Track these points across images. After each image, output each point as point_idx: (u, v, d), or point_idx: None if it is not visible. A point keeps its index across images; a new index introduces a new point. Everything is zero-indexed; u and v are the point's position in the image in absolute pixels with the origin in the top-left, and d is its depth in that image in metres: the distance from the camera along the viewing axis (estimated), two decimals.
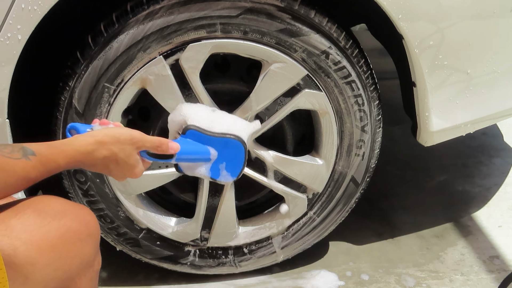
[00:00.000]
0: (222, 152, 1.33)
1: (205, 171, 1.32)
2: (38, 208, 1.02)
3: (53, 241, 1.00)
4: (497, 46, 1.63)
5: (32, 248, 0.97)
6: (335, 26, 1.53)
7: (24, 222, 0.98)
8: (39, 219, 1.00)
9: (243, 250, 1.81)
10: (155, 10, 1.45)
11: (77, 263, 1.06)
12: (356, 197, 1.78)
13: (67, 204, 1.07)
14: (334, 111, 1.62)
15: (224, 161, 1.33)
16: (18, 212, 1.00)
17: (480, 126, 1.77)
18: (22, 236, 0.97)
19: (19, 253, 0.95)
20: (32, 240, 0.97)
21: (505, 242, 1.99)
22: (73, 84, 1.51)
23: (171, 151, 1.20)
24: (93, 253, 1.09)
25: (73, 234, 1.03)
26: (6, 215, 0.99)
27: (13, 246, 0.95)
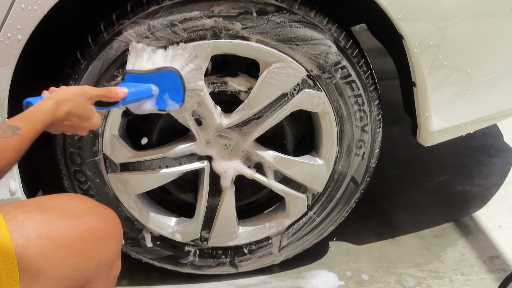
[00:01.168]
0: (161, 84, 1.43)
1: (152, 106, 1.43)
2: (60, 205, 1.02)
3: (70, 238, 0.99)
4: (497, 46, 1.63)
5: (47, 242, 0.96)
6: (335, 26, 1.53)
7: (44, 216, 0.98)
8: (59, 214, 1.00)
9: (243, 250, 1.81)
10: (155, 10, 1.44)
11: (94, 265, 1.04)
12: (356, 197, 1.78)
13: (90, 203, 1.07)
14: (334, 111, 1.62)
15: (166, 92, 1.44)
16: (39, 207, 0.99)
17: (480, 126, 1.77)
18: (38, 229, 0.96)
19: (32, 244, 0.94)
20: (48, 234, 0.96)
21: (505, 242, 1.99)
22: (73, 84, 1.51)
23: (120, 94, 1.30)
24: (113, 256, 1.07)
25: (93, 234, 1.02)
26: (26, 208, 0.98)
27: (27, 237, 0.94)
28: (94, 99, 1.24)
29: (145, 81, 1.42)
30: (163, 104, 1.45)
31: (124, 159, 1.61)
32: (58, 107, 1.15)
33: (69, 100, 1.17)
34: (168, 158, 1.63)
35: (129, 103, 1.38)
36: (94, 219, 1.04)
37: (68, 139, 1.57)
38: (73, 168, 1.61)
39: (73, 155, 1.59)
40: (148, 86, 1.41)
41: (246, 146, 1.65)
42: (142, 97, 1.41)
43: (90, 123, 1.23)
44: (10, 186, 1.50)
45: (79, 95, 1.19)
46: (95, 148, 1.58)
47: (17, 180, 1.51)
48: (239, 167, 1.67)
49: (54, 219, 0.98)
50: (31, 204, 1.01)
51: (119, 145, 1.58)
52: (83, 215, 1.02)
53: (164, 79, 1.42)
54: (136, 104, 1.42)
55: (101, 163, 1.61)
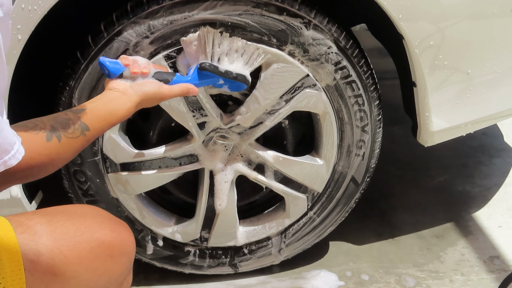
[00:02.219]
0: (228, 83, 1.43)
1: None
2: (73, 218, 1.00)
3: (81, 254, 0.96)
4: (497, 46, 1.63)
5: (57, 258, 0.93)
6: (336, 26, 1.53)
7: (56, 230, 0.95)
8: (72, 229, 0.97)
9: (243, 250, 1.80)
10: (155, 10, 1.44)
11: (105, 281, 1.01)
12: (356, 197, 1.78)
13: (105, 217, 1.04)
14: (334, 111, 1.62)
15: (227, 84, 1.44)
16: (52, 219, 0.97)
17: (480, 126, 1.77)
18: (49, 244, 0.93)
19: (42, 260, 0.92)
20: (59, 249, 0.94)
21: (505, 242, 1.99)
22: (73, 84, 1.51)
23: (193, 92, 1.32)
24: (124, 272, 1.05)
25: (105, 250, 1.00)
26: (39, 220, 0.96)
27: (37, 252, 0.92)
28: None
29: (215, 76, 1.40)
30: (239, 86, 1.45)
31: (124, 159, 1.61)
32: (133, 110, 1.19)
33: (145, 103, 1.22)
34: (168, 158, 1.63)
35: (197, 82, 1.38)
36: (108, 234, 1.01)
37: None
38: (73, 168, 1.61)
39: None
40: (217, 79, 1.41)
41: (246, 147, 1.65)
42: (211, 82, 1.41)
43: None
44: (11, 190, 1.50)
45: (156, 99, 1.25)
46: (95, 148, 1.58)
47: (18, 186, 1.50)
48: (239, 167, 1.67)
49: (67, 233, 0.96)
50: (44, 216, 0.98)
51: (119, 145, 1.58)
52: (96, 229, 1.00)
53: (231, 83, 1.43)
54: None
55: (101, 163, 1.61)
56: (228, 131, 1.62)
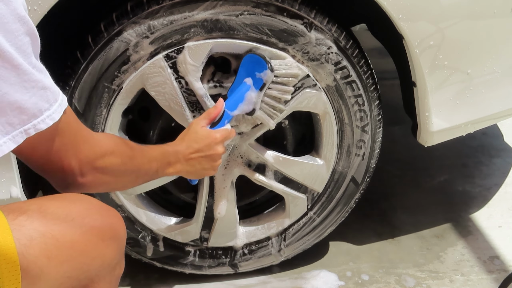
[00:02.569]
0: (247, 71, 1.49)
1: (255, 91, 1.49)
2: (63, 204, 1.01)
3: (73, 237, 0.98)
4: (497, 46, 1.63)
5: (50, 241, 0.95)
6: (336, 26, 1.53)
7: (47, 215, 0.97)
8: (63, 214, 0.99)
9: (243, 250, 1.80)
10: (155, 9, 1.44)
11: (97, 265, 1.03)
12: (356, 197, 1.78)
13: (94, 203, 1.06)
14: (334, 111, 1.62)
15: (254, 71, 1.48)
16: (42, 206, 0.98)
17: (480, 126, 1.77)
18: (41, 229, 0.95)
19: (35, 244, 0.93)
20: (51, 234, 0.95)
21: (505, 242, 1.99)
22: (73, 84, 1.51)
23: (219, 107, 1.44)
24: (116, 256, 1.06)
25: (96, 234, 1.01)
26: (29, 208, 0.98)
27: (29, 237, 0.93)
28: (205, 126, 1.40)
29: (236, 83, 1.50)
30: (260, 81, 1.48)
31: None
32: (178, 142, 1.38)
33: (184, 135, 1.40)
34: None
35: (236, 107, 1.48)
36: (98, 219, 1.03)
37: None
38: None
39: None
40: (241, 82, 1.48)
41: (246, 146, 1.65)
42: (244, 93, 1.47)
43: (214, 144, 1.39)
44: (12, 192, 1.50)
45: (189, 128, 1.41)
46: None
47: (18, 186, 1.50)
48: (239, 167, 1.67)
49: (57, 219, 0.98)
50: (34, 204, 1.00)
51: None
52: (86, 215, 1.02)
53: (246, 66, 1.48)
54: (245, 102, 1.48)
55: None
56: None
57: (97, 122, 1.54)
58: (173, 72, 1.50)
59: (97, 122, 1.54)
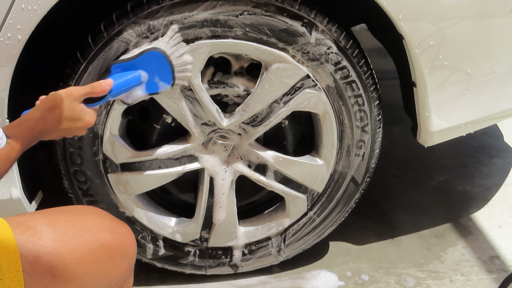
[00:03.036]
0: (148, 67, 1.40)
1: (143, 92, 1.41)
2: (74, 219, 0.99)
3: (81, 255, 0.96)
4: (497, 46, 1.63)
5: (56, 260, 0.93)
6: (336, 26, 1.53)
7: (56, 231, 0.95)
8: (72, 230, 0.97)
9: (243, 250, 1.80)
10: (155, 9, 1.44)
11: (105, 283, 1.01)
12: (356, 197, 1.78)
13: (105, 219, 1.04)
14: (334, 111, 1.62)
15: (155, 74, 1.41)
16: (52, 220, 0.96)
17: (480, 126, 1.77)
18: (48, 245, 0.93)
19: (41, 262, 0.92)
20: (58, 251, 0.93)
21: (505, 242, 1.99)
22: (73, 84, 1.51)
23: (106, 87, 1.28)
24: (124, 274, 1.04)
25: (105, 252, 0.99)
26: (38, 222, 0.96)
27: (36, 254, 0.91)
28: (81, 98, 1.24)
29: (132, 68, 1.39)
30: (155, 87, 1.41)
31: (124, 160, 1.61)
32: (46, 114, 1.17)
33: (55, 106, 1.18)
34: (168, 159, 1.63)
35: (118, 94, 1.35)
36: (108, 236, 1.01)
37: (68, 139, 1.57)
38: (73, 168, 1.61)
39: (73, 155, 1.59)
40: (137, 73, 1.38)
41: (246, 147, 1.65)
42: (132, 85, 1.38)
43: (83, 122, 1.23)
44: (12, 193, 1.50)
45: (64, 99, 1.20)
46: (95, 148, 1.58)
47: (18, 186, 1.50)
48: (239, 167, 1.67)
49: (66, 235, 0.96)
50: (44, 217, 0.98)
51: (119, 145, 1.58)
52: (97, 231, 1.00)
53: (150, 62, 1.39)
54: (127, 93, 1.39)
55: (101, 163, 1.61)
56: (228, 131, 1.62)
57: (97, 122, 1.54)
58: None
59: (97, 122, 1.54)
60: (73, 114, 1.21)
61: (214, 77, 1.59)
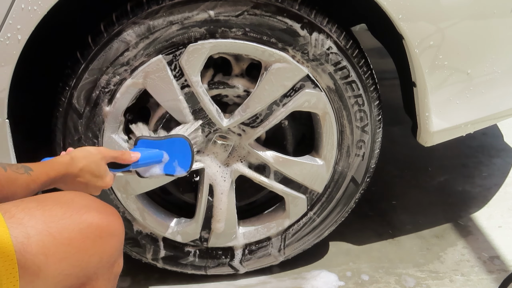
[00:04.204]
0: (172, 151, 1.48)
1: (160, 170, 1.47)
2: (61, 201, 1.02)
3: (71, 235, 0.99)
4: (497, 46, 1.63)
5: (47, 239, 0.95)
6: (336, 26, 1.53)
7: (44, 213, 0.98)
8: (60, 211, 1.00)
9: (243, 251, 1.80)
10: (155, 10, 1.44)
11: (96, 262, 1.04)
12: (356, 198, 1.78)
13: (92, 201, 1.07)
14: (334, 112, 1.62)
15: (176, 158, 1.48)
16: (40, 203, 0.99)
17: (480, 126, 1.77)
18: (38, 226, 0.95)
19: (32, 241, 0.94)
20: (48, 231, 0.96)
21: (505, 242, 1.99)
22: (73, 84, 1.51)
23: (133, 158, 1.36)
24: (114, 253, 1.07)
25: (94, 231, 1.02)
26: (27, 205, 0.98)
27: (27, 235, 0.94)
28: (108, 160, 1.31)
29: (156, 146, 1.47)
30: (172, 170, 1.48)
31: None
32: (73, 162, 1.22)
33: (84, 158, 1.24)
34: None
35: (140, 166, 1.42)
36: (96, 216, 1.04)
37: (68, 139, 1.57)
38: None
39: None
40: (160, 152, 1.46)
41: (246, 147, 1.65)
42: (153, 162, 1.46)
43: (103, 182, 1.29)
44: None
45: (94, 154, 1.26)
46: None
47: None
48: (239, 167, 1.67)
49: (55, 216, 0.98)
50: (32, 201, 1.01)
51: (119, 145, 1.58)
52: (84, 212, 1.02)
53: (174, 146, 1.48)
54: (145, 168, 1.45)
55: None
56: (228, 131, 1.62)
57: (97, 122, 1.54)
58: (174, 72, 1.50)
59: (97, 122, 1.54)
60: (97, 171, 1.26)
61: (214, 77, 1.59)
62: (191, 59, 1.49)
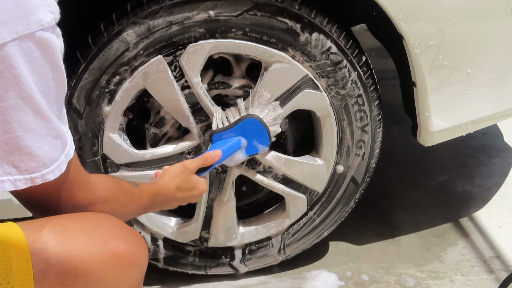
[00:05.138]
0: (247, 132, 1.53)
1: (243, 155, 1.55)
2: (87, 227, 0.99)
3: (92, 265, 0.95)
4: (497, 46, 1.63)
5: (67, 269, 0.93)
6: (336, 26, 1.53)
7: (69, 239, 0.94)
8: (85, 238, 0.96)
9: (243, 250, 1.80)
10: (155, 10, 1.44)
11: None
12: (356, 197, 1.78)
13: (119, 228, 1.03)
14: (334, 112, 1.62)
15: (253, 138, 1.54)
16: (65, 228, 0.96)
17: (480, 126, 1.77)
18: (61, 254, 0.92)
19: (52, 270, 0.91)
20: (71, 260, 0.93)
21: (505, 242, 1.99)
22: (73, 84, 1.51)
23: (216, 158, 1.44)
24: (134, 285, 1.03)
25: (116, 262, 0.98)
26: (52, 229, 0.95)
27: (48, 263, 0.91)
28: (195, 170, 1.40)
29: (231, 135, 1.52)
30: (254, 150, 1.55)
31: (124, 159, 1.60)
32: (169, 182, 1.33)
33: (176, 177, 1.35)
34: (168, 159, 1.63)
35: (224, 159, 1.49)
36: (121, 245, 0.99)
37: None
38: None
39: None
40: (237, 140, 1.52)
41: None
42: (234, 151, 1.51)
43: (198, 190, 1.40)
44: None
45: (182, 172, 1.36)
46: (95, 148, 1.58)
47: None
48: (239, 167, 1.67)
49: (79, 243, 0.95)
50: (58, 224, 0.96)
51: (119, 145, 1.58)
52: (110, 240, 0.99)
53: (248, 127, 1.52)
54: (229, 158, 1.51)
55: (101, 163, 1.61)
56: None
57: (97, 122, 1.54)
58: (174, 72, 1.50)
59: (97, 122, 1.54)
60: (189, 185, 1.37)
61: (214, 78, 1.59)
62: (191, 59, 1.49)
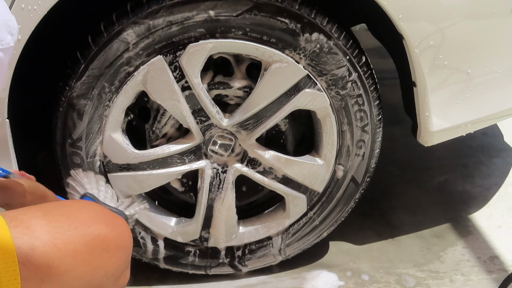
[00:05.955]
0: None
1: None
2: (69, 211, 1.00)
3: (76, 247, 0.96)
4: (497, 46, 1.63)
5: (51, 251, 0.93)
6: (336, 26, 1.53)
7: (50, 223, 0.96)
8: (67, 222, 0.97)
9: (243, 250, 1.80)
10: (155, 9, 1.44)
11: (101, 275, 1.01)
12: (356, 197, 1.78)
13: (100, 211, 1.05)
14: (334, 112, 1.62)
15: None
16: (47, 213, 0.97)
17: (480, 126, 1.77)
18: (44, 237, 0.93)
19: (36, 253, 0.92)
20: (53, 243, 0.94)
21: (505, 242, 1.99)
22: (73, 84, 1.51)
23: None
24: (120, 266, 1.05)
25: (100, 243, 0.99)
26: (34, 215, 0.96)
27: (31, 246, 0.92)
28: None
29: None
30: None
31: (124, 160, 1.61)
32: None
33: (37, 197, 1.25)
34: (168, 159, 1.63)
35: None
36: (103, 228, 1.01)
37: (68, 139, 1.57)
38: (73, 168, 1.61)
39: (73, 155, 1.59)
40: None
41: (246, 146, 1.65)
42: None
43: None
44: None
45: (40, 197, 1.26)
46: (95, 148, 1.58)
47: None
48: (239, 167, 1.67)
49: (61, 227, 0.96)
50: (38, 211, 0.99)
51: (119, 145, 1.58)
52: (92, 223, 1.00)
53: None
54: None
55: (101, 163, 1.61)
56: (228, 131, 1.62)
57: (97, 122, 1.54)
58: (174, 72, 1.50)
59: (97, 122, 1.54)
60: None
61: (214, 78, 1.59)
62: (191, 59, 1.49)
